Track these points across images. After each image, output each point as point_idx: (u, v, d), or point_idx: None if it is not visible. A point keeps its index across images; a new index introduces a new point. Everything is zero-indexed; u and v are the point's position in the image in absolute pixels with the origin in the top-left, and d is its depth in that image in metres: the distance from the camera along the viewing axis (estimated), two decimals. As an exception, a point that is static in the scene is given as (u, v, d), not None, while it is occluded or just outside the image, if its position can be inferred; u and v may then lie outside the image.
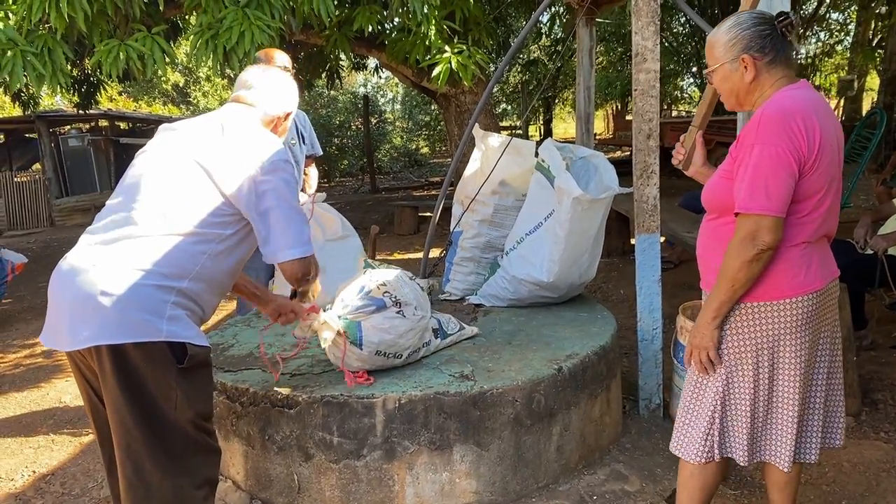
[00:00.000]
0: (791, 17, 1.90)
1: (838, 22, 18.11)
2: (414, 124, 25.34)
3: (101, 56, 5.22)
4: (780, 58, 1.91)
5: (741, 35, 1.91)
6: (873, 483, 2.72)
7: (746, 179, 1.82)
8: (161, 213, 1.91)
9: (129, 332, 1.81)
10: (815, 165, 1.82)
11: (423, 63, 6.45)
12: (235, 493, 2.67)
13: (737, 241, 1.84)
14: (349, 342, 2.45)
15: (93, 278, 1.83)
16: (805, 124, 1.80)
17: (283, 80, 2.28)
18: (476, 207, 3.57)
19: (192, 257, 1.93)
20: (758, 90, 1.95)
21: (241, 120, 2.12)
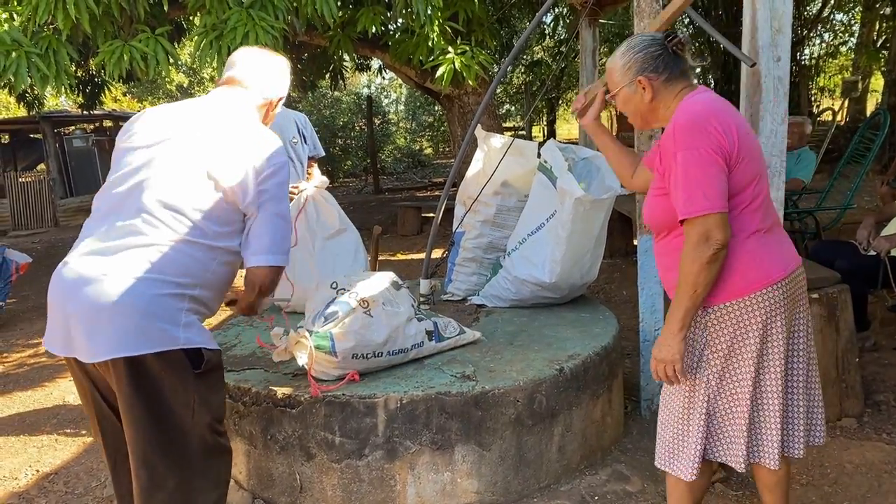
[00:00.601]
0: (679, 35, 2.00)
1: (842, 23, 18.07)
2: (417, 125, 25.35)
3: (104, 56, 5.23)
4: (676, 73, 2.00)
5: (634, 59, 2.00)
6: (875, 484, 2.72)
7: (680, 187, 1.84)
8: (171, 221, 1.89)
9: (147, 343, 1.81)
10: (740, 156, 1.87)
11: (426, 64, 6.46)
12: (238, 492, 2.68)
13: (690, 246, 1.83)
14: (323, 353, 2.45)
15: (107, 289, 1.80)
16: (718, 120, 1.86)
17: (280, 63, 2.24)
18: (478, 208, 3.57)
19: (203, 265, 1.94)
20: (661, 106, 2.02)
21: (240, 115, 2.08)
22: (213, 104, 2.08)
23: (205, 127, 2.00)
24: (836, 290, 3.20)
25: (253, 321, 3.49)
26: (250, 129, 2.05)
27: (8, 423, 4.01)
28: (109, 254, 1.86)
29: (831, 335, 3.17)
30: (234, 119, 2.05)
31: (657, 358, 1.95)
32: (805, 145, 5.85)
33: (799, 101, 14.74)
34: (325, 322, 2.50)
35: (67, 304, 1.85)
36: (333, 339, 2.46)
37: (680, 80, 2.01)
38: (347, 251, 3.55)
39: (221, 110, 2.06)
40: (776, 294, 1.90)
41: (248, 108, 2.12)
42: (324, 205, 3.53)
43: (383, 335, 2.55)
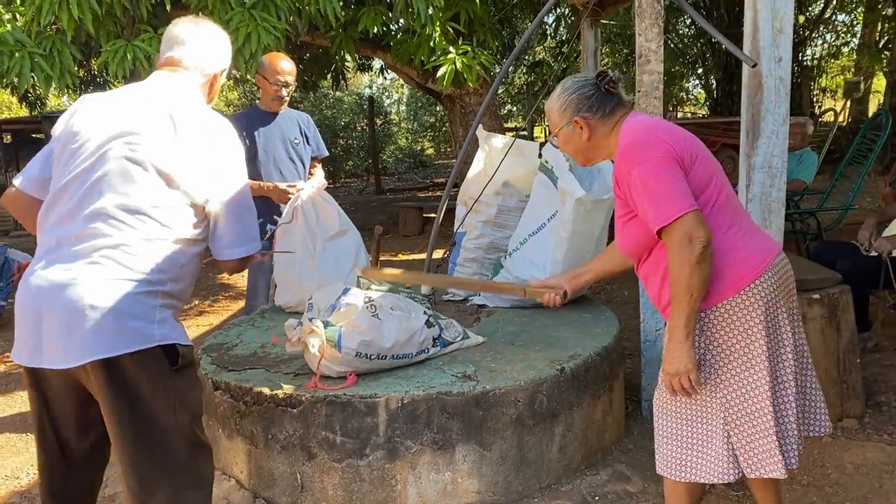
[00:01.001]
0: (609, 74, 2.05)
1: (845, 24, 18.06)
2: (419, 125, 25.36)
3: (107, 56, 5.24)
4: (610, 109, 2.05)
5: (568, 100, 2.06)
6: (876, 485, 2.72)
7: (646, 200, 1.86)
8: (134, 222, 1.85)
9: (124, 342, 1.79)
10: (693, 156, 1.91)
11: (427, 64, 6.46)
12: (239, 491, 2.68)
13: (675, 251, 1.82)
14: (330, 347, 2.46)
15: (80, 293, 1.77)
16: (661, 129, 1.93)
17: (217, 33, 2.12)
18: (479, 208, 3.57)
19: (171, 260, 1.90)
20: (601, 140, 2.07)
21: (186, 103, 1.96)
22: (157, 93, 1.97)
23: (152, 121, 1.90)
24: (837, 290, 3.20)
25: (254, 321, 3.49)
26: (199, 119, 1.96)
27: (10, 423, 4.02)
28: (77, 258, 1.82)
29: (832, 336, 3.17)
30: (180, 109, 1.94)
31: (669, 372, 1.91)
32: (807, 146, 5.86)
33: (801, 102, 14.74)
34: (335, 312, 2.52)
35: (41, 312, 1.81)
36: (341, 334, 2.47)
37: (615, 113, 2.06)
38: (349, 252, 3.55)
39: (166, 100, 1.95)
40: (768, 281, 1.91)
41: (192, 92, 2.03)
42: (323, 206, 3.53)
43: (391, 340, 2.56)
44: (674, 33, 16.94)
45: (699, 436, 2.01)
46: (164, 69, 2.03)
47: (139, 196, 1.85)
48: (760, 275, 1.90)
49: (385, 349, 2.55)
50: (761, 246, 1.96)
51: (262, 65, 3.80)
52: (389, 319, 2.58)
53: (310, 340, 2.45)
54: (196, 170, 1.90)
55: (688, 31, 17.67)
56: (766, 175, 2.93)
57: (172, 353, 1.86)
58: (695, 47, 17.75)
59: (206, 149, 1.93)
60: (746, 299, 1.89)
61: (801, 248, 5.66)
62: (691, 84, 22.44)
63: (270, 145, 3.81)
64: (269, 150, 3.81)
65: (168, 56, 2.05)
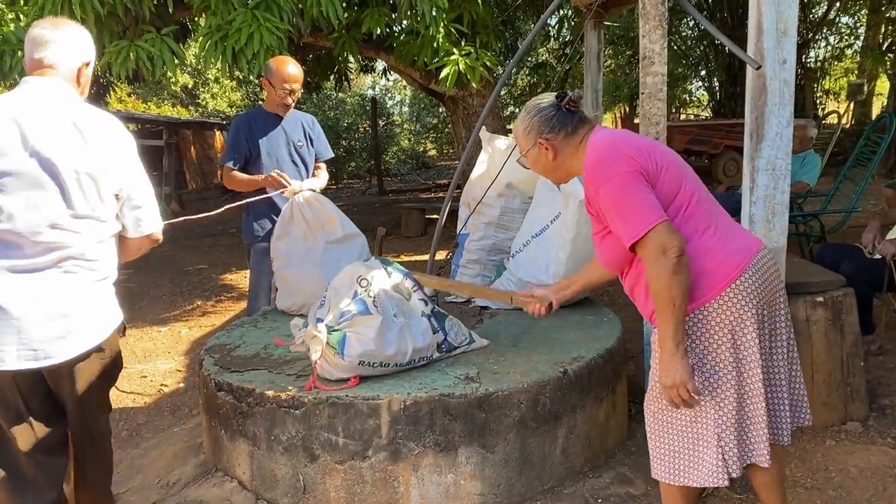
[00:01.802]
0: (569, 94, 2.07)
1: (848, 26, 18.06)
2: (421, 127, 25.38)
3: (110, 57, 5.26)
4: (572, 127, 2.07)
5: (531, 123, 2.10)
6: (880, 488, 2.71)
7: (616, 217, 1.89)
8: (78, 227, 2.05)
9: (104, 332, 2.17)
10: (659, 166, 1.92)
11: (430, 65, 6.47)
12: (241, 493, 2.68)
13: (651, 263, 1.84)
14: (332, 353, 2.45)
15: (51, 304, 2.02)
16: (626, 144, 1.94)
17: (75, 30, 2.22)
18: (482, 210, 3.57)
19: (113, 252, 2.21)
20: (569, 159, 2.10)
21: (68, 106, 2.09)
22: (39, 101, 2.07)
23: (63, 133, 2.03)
24: (841, 293, 3.19)
25: (257, 322, 3.49)
26: (96, 121, 2.11)
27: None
28: (38, 273, 2.02)
29: (836, 338, 3.16)
30: (65, 113, 2.06)
31: (666, 385, 1.90)
32: (810, 148, 5.84)
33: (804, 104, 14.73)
34: (342, 320, 2.51)
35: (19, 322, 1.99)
36: (346, 341, 2.46)
37: (579, 130, 2.08)
38: (352, 257, 3.54)
39: (51, 107, 2.06)
40: (749, 280, 1.91)
41: (68, 92, 2.14)
42: (321, 210, 3.51)
43: (394, 348, 2.55)
44: (677, 35, 16.95)
45: (691, 440, 2.01)
46: (35, 74, 2.13)
47: (83, 203, 2.05)
48: (739, 275, 1.90)
49: (388, 358, 2.54)
50: (740, 245, 1.96)
51: (269, 69, 3.79)
52: (394, 328, 2.57)
53: (312, 345, 2.45)
54: (108, 165, 2.09)
55: (691, 34, 17.68)
56: (770, 177, 2.93)
57: (122, 327, 2.30)
58: (698, 49, 17.77)
59: (115, 149, 2.13)
60: (728, 300, 1.90)
61: (805, 251, 5.65)
62: (694, 86, 22.45)
63: (273, 147, 3.81)
64: (272, 152, 3.80)
65: (35, 58, 2.13)
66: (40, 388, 2.14)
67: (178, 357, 5.21)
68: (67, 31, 2.19)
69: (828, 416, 3.21)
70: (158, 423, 3.96)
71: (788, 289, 3.07)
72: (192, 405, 4.08)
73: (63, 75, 2.14)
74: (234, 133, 3.82)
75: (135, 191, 2.17)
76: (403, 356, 2.58)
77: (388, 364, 2.55)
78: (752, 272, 1.92)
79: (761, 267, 1.95)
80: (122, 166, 2.14)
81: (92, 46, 2.29)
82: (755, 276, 1.92)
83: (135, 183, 2.17)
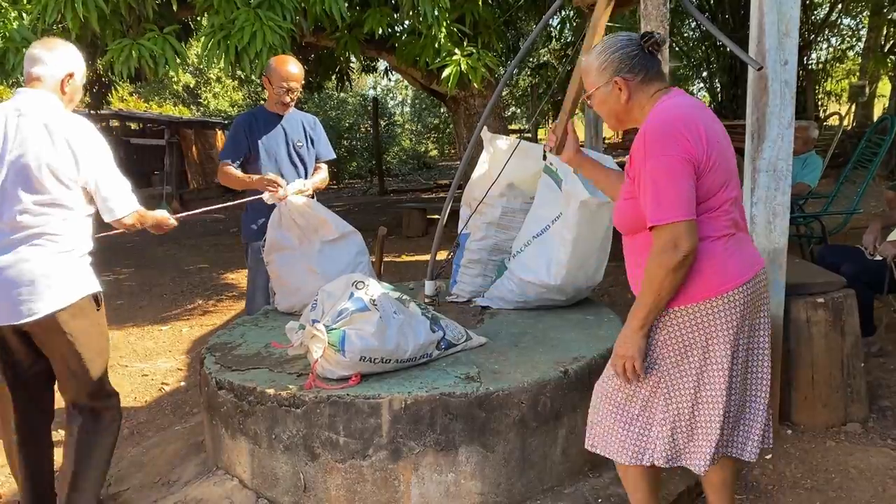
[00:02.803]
0: (655, 36, 1.99)
1: (850, 27, 18.05)
2: (423, 127, 25.40)
3: (113, 55, 5.26)
4: (652, 74, 2.00)
5: (610, 59, 2.00)
6: (880, 489, 2.71)
7: (650, 194, 1.86)
8: (43, 211, 2.45)
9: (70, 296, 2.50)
10: (710, 162, 1.88)
11: (432, 66, 6.47)
12: (241, 491, 2.68)
13: (657, 251, 1.85)
14: (333, 351, 2.46)
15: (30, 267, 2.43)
16: (688, 128, 1.87)
17: (62, 47, 2.66)
18: (484, 210, 3.57)
19: (79, 230, 2.57)
20: (636, 107, 2.03)
21: (51, 112, 2.51)
22: (29, 109, 2.50)
23: (37, 135, 2.45)
24: (841, 294, 3.20)
25: (258, 321, 3.50)
26: (56, 122, 2.49)
27: (13, 421, 4.03)
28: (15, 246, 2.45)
29: (837, 340, 3.17)
30: (40, 117, 2.48)
31: (619, 354, 1.99)
32: (811, 150, 5.85)
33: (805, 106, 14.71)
34: (339, 318, 2.51)
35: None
36: (346, 338, 2.47)
37: (655, 81, 2.01)
38: (350, 255, 3.54)
39: (29, 112, 2.49)
40: (740, 297, 1.92)
41: (48, 100, 2.55)
42: (312, 214, 3.49)
43: (394, 344, 2.55)
44: (678, 36, 16.94)
45: (640, 422, 2.06)
46: (28, 86, 2.60)
47: (48, 192, 2.45)
48: (733, 289, 1.91)
49: (388, 353, 2.55)
50: (745, 260, 1.97)
51: (268, 67, 3.79)
52: (393, 324, 2.57)
53: (312, 345, 2.45)
54: (71, 161, 2.47)
55: (692, 34, 17.66)
56: (771, 178, 2.94)
57: (97, 297, 2.62)
58: (699, 50, 17.75)
59: (80, 147, 2.49)
60: (714, 307, 1.91)
61: (806, 252, 5.66)
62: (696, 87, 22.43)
63: (272, 147, 3.81)
64: (270, 151, 3.81)
65: (29, 72, 2.60)
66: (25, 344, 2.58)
67: (179, 356, 5.21)
68: (55, 50, 2.63)
69: (828, 417, 3.22)
70: (159, 421, 3.97)
71: (789, 290, 3.10)
72: (193, 404, 4.08)
73: (48, 86, 2.58)
74: (234, 131, 3.84)
75: (101, 183, 2.53)
76: (404, 352, 2.59)
77: (388, 360, 2.55)
78: (745, 289, 1.93)
79: (755, 286, 1.97)
80: (87, 163, 2.50)
81: (77, 60, 2.68)
82: (747, 293, 1.94)
83: (100, 177, 2.53)
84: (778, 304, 3.07)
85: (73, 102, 2.70)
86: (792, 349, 3.18)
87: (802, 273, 3.42)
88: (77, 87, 2.70)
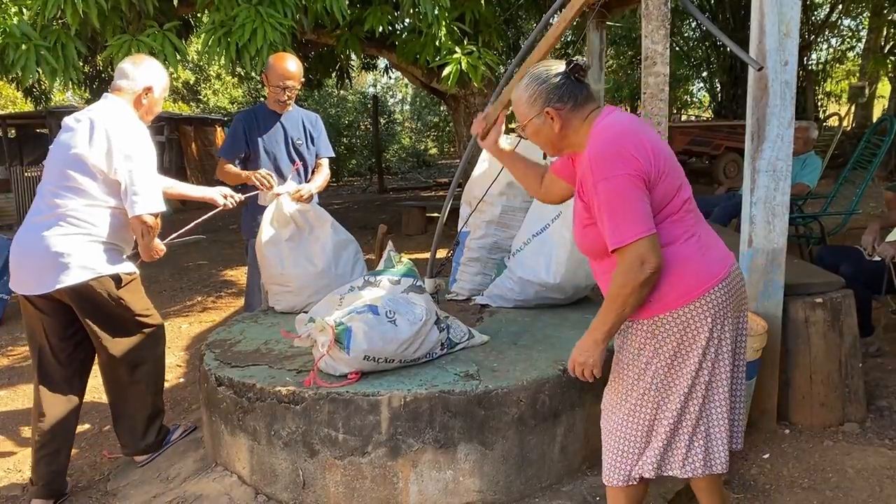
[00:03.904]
0: (580, 63, 1.99)
1: (850, 28, 18.06)
2: (423, 125, 25.38)
3: (113, 51, 5.25)
4: (581, 99, 2.00)
5: (539, 91, 2.00)
6: (877, 489, 2.72)
7: (606, 217, 1.85)
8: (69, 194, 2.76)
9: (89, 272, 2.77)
10: (661, 171, 1.88)
11: (432, 64, 6.47)
12: (241, 487, 2.69)
13: (623, 270, 1.84)
14: (338, 346, 2.46)
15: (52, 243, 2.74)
16: (631, 142, 1.87)
17: (147, 64, 3.01)
18: (483, 208, 3.58)
19: (103, 219, 2.82)
20: (571, 134, 2.03)
21: (117, 119, 2.82)
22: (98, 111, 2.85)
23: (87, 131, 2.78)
24: (840, 294, 3.20)
25: (257, 318, 3.50)
26: (120, 127, 2.80)
27: (13, 417, 4.03)
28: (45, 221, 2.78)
29: (835, 340, 3.17)
30: (101, 118, 2.80)
31: (577, 361, 2.01)
32: (811, 150, 5.86)
33: (805, 106, 14.73)
34: (348, 316, 2.52)
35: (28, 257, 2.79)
36: (352, 336, 2.47)
37: (586, 104, 2.01)
38: (348, 262, 3.54)
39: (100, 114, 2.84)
40: (720, 294, 1.92)
41: (124, 108, 2.90)
42: (314, 216, 3.49)
43: (401, 345, 2.56)
44: (679, 36, 16.96)
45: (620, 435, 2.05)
46: (112, 94, 2.96)
47: (80, 180, 2.76)
48: (711, 289, 1.91)
49: (393, 354, 2.55)
50: (716, 258, 1.97)
51: (267, 65, 3.79)
52: (399, 325, 2.57)
53: (319, 339, 2.45)
54: (107, 158, 2.75)
55: (693, 35, 17.68)
56: (771, 178, 2.94)
57: (118, 278, 2.86)
58: (700, 50, 17.77)
59: (114, 146, 2.75)
60: (694, 310, 1.91)
61: (805, 252, 5.67)
62: (696, 87, 22.44)
63: (271, 145, 3.81)
64: (269, 150, 3.81)
65: (115, 83, 2.97)
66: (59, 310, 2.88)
67: (178, 352, 5.22)
68: (140, 66, 2.98)
69: (826, 416, 3.22)
70: (158, 417, 3.97)
71: (788, 290, 3.11)
72: (193, 400, 4.09)
73: (127, 97, 2.94)
74: (233, 128, 3.85)
75: (132, 178, 2.75)
76: (409, 353, 2.59)
77: (392, 360, 2.56)
78: (721, 286, 1.93)
79: (732, 280, 1.97)
80: (121, 161, 2.75)
81: (158, 76, 3.02)
82: (726, 289, 1.93)
83: (133, 172, 2.75)
84: (776, 304, 3.07)
85: (150, 114, 3.03)
86: (790, 349, 3.19)
87: (801, 273, 3.43)
88: (155, 100, 3.02)
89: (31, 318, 2.92)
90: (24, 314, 2.95)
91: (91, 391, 4.19)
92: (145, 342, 3.02)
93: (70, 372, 2.97)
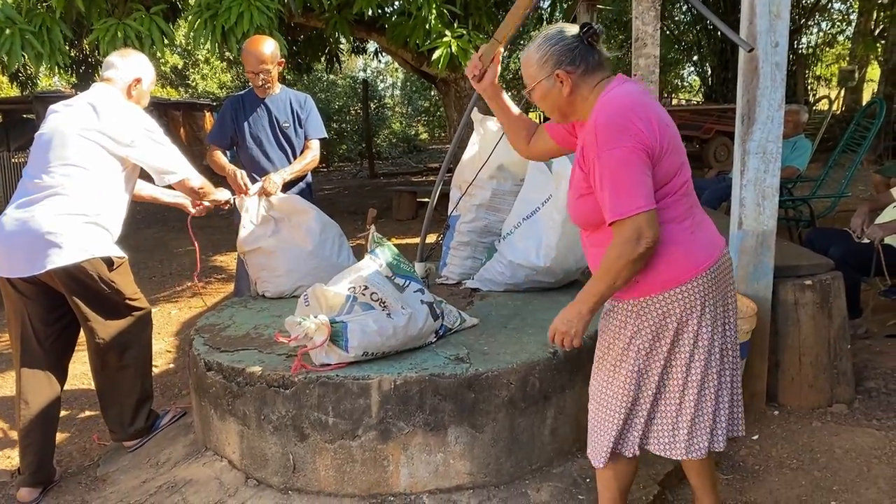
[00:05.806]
0: (594, 27, 1.94)
1: (840, 12, 18.07)
2: (413, 110, 25.29)
3: (98, 34, 5.19)
4: (593, 65, 1.95)
5: (551, 51, 1.94)
6: (865, 469, 2.74)
7: (607, 188, 1.82)
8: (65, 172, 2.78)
9: (81, 254, 2.75)
10: (665, 149, 1.85)
11: (423, 47, 6.43)
12: (230, 472, 2.69)
13: (619, 243, 1.81)
14: (334, 345, 2.45)
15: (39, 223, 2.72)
16: (638, 115, 1.82)
17: (133, 57, 3.09)
18: (474, 192, 3.56)
19: (97, 195, 2.84)
20: (579, 100, 1.98)
21: (107, 99, 2.90)
22: (92, 96, 2.92)
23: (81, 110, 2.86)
24: (829, 276, 3.22)
25: (247, 303, 3.48)
26: (113, 106, 2.89)
27: (1, 403, 4.01)
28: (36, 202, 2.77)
29: (824, 322, 3.19)
30: (100, 102, 2.87)
31: (559, 329, 1.97)
32: (801, 133, 5.86)
33: (795, 90, 14.75)
34: (342, 314, 2.51)
35: (16, 238, 2.74)
36: (349, 334, 2.45)
37: (597, 71, 1.96)
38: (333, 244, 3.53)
39: (89, 100, 2.89)
40: (706, 280, 1.91)
41: (114, 93, 2.98)
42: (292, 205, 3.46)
43: (398, 339, 2.54)
44: (670, 20, 16.91)
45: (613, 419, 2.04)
46: (101, 83, 3.03)
47: (76, 158, 2.80)
48: (701, 273, 1.90)
49: (390, 348, 2.55)
50: (708, 242, 1.96)
51: (242, 50, 3.75)
52: (396, 319, 2.55)
53: (316, 339, 2.43)
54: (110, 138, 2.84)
55: (684, 18, 17.64)
56: (761, 160, 2.94)
57: (109, 261, 2.87)
58: (690, 34, 17.74)
59: (115, 127, 2.85)
60: (678, 294, 1.90)
61: (794, 235, 5.69)
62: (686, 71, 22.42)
63: (256, 130, 3.78)
64: (255, 134, 3.78)
65: (103, 74, 3.05)
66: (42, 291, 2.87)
67: (167, 338, 5.20)
68: (127, 58, 3.07)
69: (814, 398, 3.25)
70: (148, 403, 3.96)
71: (777, 272, 3.12)
72: (182, 385, 4.08)
73: (117, 87, 3.01)
74: (221, 114, 3.84)
75: (143, 157, 2.90)
76: (404, 345, 2.59)
77: (388, 352, 2.55)
78: (711, 271, 1.92)
79: (720, 266, 1.96)
80: (126, 141, 2.86)
81: (146, 69, 3.11)
82: (713, 275, 1.93)
83: (142, 152, 2.89)
84: (766, 286, 3.08)
85: (140, 103, 3.08)
86: (779, 331, 3.20)
87: (790, 255, 3.44)
88: (143, 91, 3.11)
89: (14, 304, 2.90)
90: (6, 300, 2.91)
91: (80, 377, 4.19)
92: (134, 326, 3.02)
93: (53, 359, 2.95)
